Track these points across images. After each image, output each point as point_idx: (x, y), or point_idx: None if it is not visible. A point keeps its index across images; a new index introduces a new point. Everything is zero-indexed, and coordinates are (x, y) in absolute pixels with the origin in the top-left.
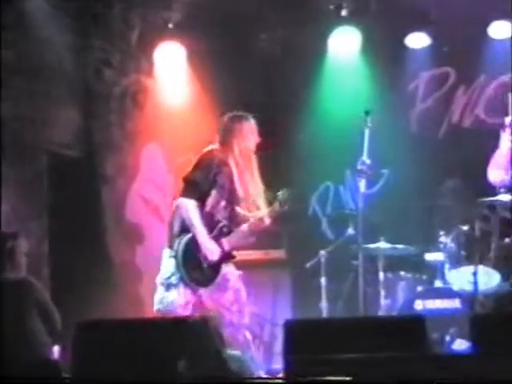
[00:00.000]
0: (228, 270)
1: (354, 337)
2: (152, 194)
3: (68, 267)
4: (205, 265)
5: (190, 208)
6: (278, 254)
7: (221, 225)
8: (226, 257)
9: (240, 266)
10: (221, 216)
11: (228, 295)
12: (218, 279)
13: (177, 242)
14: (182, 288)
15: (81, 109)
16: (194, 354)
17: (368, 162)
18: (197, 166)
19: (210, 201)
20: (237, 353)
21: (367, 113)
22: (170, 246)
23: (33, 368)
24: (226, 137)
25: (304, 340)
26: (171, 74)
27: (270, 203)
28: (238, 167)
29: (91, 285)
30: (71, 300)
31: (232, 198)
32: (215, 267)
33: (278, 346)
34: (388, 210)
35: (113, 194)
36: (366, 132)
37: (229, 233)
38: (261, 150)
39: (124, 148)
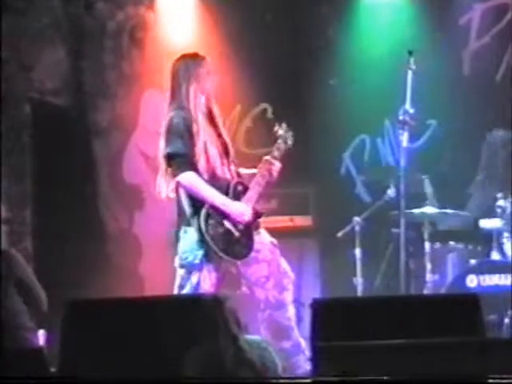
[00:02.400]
0: (257, 239)
1: (394, 319)
2: (154, 150)
3: (55, 238)
4: (236, 234)
5: (192, 180)
6: (304, 220)
7: (233, 184)
8: (255, 216)
9: None
10: (224, 176)
11: (260, 269)
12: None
13: (194, 217)
14: (206, 269)
15: (69, 49)
16: (204, 340)
17: (411, 110)
18: (172, 135)
19: (202, 166)
20: (256, 338)
21: (410, 53)
22: (186, 224)
23: (13, 356)
24: (178, 85)
25: (335, 323)
26: (176, 5)
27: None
28: (204, 119)
29: (82, 259)
30: (59, 276)
31: (223, 155)
32: (248, 233)
33: (304, 330)
34: (435, 167)
35: (107, 149)
36: (409, 75)
37: (245, 190)
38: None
39: (120, 95)
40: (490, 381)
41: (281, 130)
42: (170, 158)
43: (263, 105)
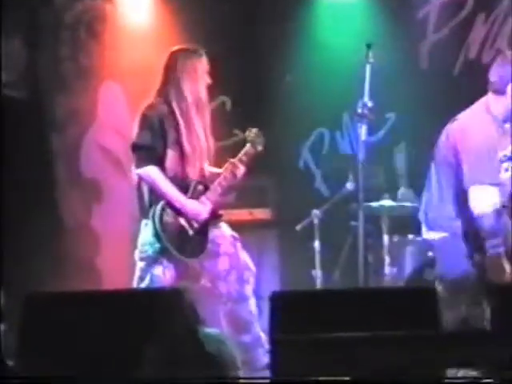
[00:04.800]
0: (217, 233)
1: (352, 312)
2: (112, 143)
3: (11, 231)
4: (190, 231)
5: (154, 175)
6: (263, 213)
7: (193, 183)
8: (212, 216)
9: None
10: (188, 175)
11: (221, 263)
12: (208, 246)
13: (151, 210)
14: (165, 261)
15: (25, 41)
16: (163, 334)
17: (370, 104)
18: (143, 127)
19: (169, 163)
20: (215, 331)
21: (369, 46)
22: (145, 216)
23: None
24: (170, 78)
25: (293, 316)
26: None
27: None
28: (187, 116)
29: (39, 253)
30: (16, 270)
31: (194, 153)
32: (203, 232)
33: (264, 323)
34: (393, 161)
35: (64, 143)
36: (368, 69)
37: (205, 190)
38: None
39: (78, 88)
40: (447, 374)
41: (252, 134)
42: (134, 149)
43: (222, 98)
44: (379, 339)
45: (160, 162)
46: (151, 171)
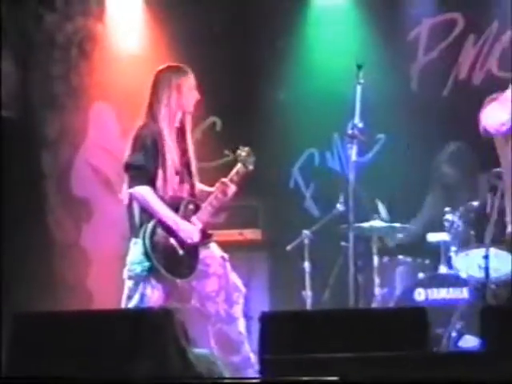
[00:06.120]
0: (207, 253)
1: (342, 332)
2: (102, 163)
3: (1, 251)
4: (180, 252)
5: (146, 195)
6: (254, 234)
7: (184, 202)
8: (203, 237)
9: None
10: (179, 194)
11: (211, 283)
12: (198, 266)
13: (141, 229)
14: (154, 281)
15: (17, 60)
16: (153, 354)
17: (360, 125)
18: (136, 147)
19: (160, 182)
20: (205, 352)
21: (360, 67)
22: (135, 235)
23: None
24: (156, 97)
25: (283, 336)
26: (125, 17)
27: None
28: (174, 135)
29: (29, 272)
30: (6, 290)
31: (184, 172)
32: (193, 252)
33: (253, 343)
34: (384, 182)
35: (55, 162)
36: (358, 89)
37: (196, 209)
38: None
39: (69, 107)
40: None
41: (243, 153)
42: (127, 168)
43: (212, 118)
44: (369, 360)
45: (152, 182)
46: (143, 191)
